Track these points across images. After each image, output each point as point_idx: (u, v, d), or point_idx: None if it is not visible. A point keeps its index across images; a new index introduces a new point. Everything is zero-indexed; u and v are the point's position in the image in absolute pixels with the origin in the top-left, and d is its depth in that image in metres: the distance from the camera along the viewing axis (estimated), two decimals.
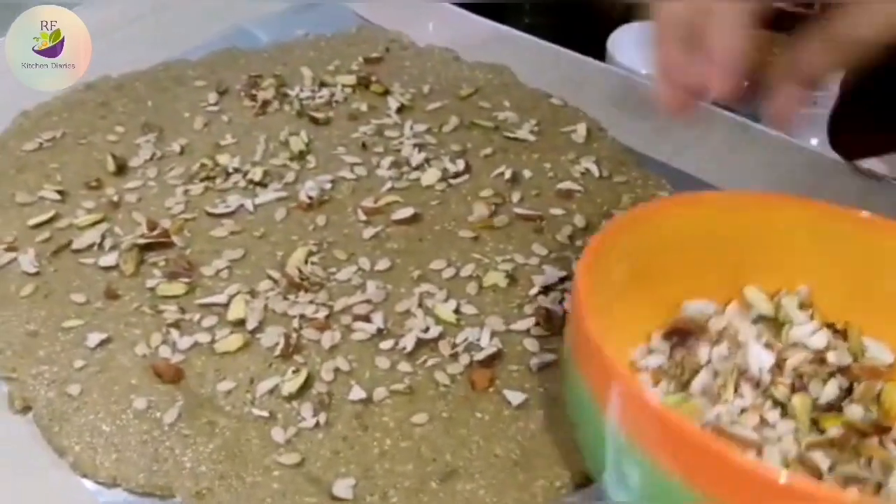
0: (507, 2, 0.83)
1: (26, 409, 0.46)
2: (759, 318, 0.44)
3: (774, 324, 0.44)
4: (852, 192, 0.59)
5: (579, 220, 0.56)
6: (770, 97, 0.43)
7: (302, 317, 0.50)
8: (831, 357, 0.42)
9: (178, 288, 0.51)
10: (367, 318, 0.50)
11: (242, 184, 0.59)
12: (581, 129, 0.64)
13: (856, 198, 0.56)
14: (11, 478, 0.43)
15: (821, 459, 0.37)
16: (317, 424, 0.44)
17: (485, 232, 0.56)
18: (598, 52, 1.05)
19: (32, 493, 0.43)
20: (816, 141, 0.66)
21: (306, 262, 0.53)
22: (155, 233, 0.55)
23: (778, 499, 0.28)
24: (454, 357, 0.48)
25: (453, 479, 0.42)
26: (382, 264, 0.53)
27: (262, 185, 0.59)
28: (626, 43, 1.09)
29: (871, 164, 0.63)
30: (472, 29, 0.79)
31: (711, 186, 0.60)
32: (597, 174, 0.60)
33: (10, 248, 0.55)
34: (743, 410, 0.40)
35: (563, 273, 0.52)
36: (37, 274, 0.53)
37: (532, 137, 0.64)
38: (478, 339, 0.49)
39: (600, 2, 1.22)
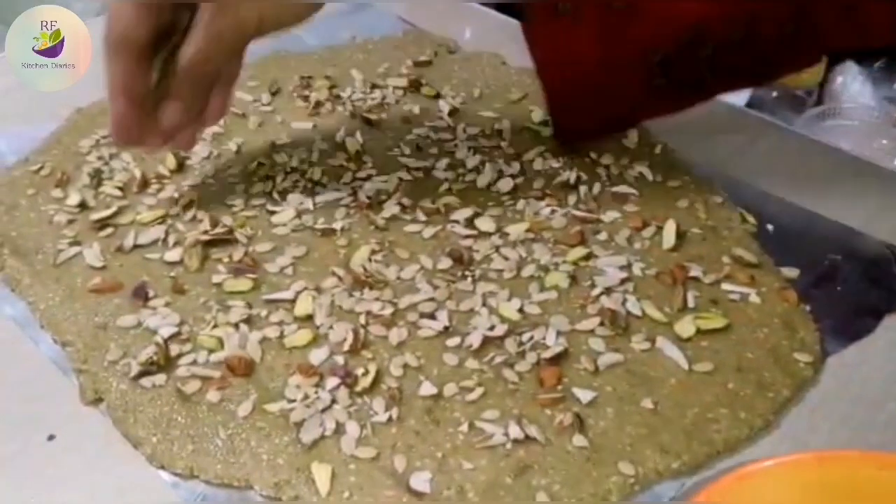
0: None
1: (98, 400, 0.47)
2: None
3: None
4: None
5: (637, 223, 0.57)
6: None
7: (368, 313, 0.50)
8: None
9: (244, 284, 0.52)
10: (432, 316, 0.50)
11: (301, 183, 0.60)
12: (632, 135, 0.65)
13: None
14: (86, 470, 0.44)
15: None
16: (389, 419, 0.45)
17: (543, 233, 0.56)
18: None
19: (108, 485, 0.43)
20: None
21: (370, 260, 0.54)
22: (218, 230, 0.55)
23: None
24: (521, 355, 0.48)
25: (527, 475, 0.43)
26: (444, 263, 0.54)
27: (321, 184, 0.60)
28: None
29: None
30: (511, 34, 0.79)
31: (762, 191, 0.61)
32: (650, 178, 0.61)
33: (74, 243, 0.55)
34: None
35: (625, 275, 0.53)
36: (103, 268, 0.53)
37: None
38: (543, 338, 0.49)
39: None
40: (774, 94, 1.10)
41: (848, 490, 0.38)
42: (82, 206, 0.58)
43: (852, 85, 1.11)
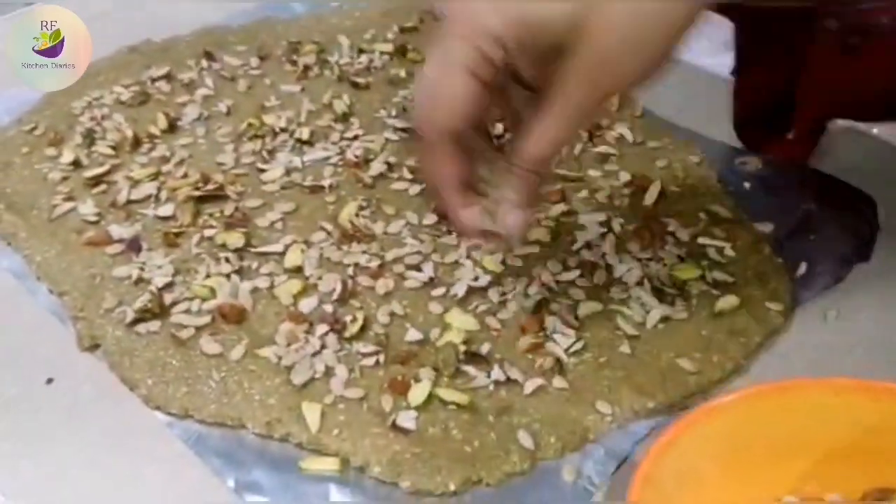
0: None
1: (94, 346, 0.48)
2: None
3: None
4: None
5: (616, 182, 0.59)
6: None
7: (356, 265, 0.52)
8: None
9: (235, 237, 0.53)
10: (418, 268, 0.52)
11: (290, 143, 0.61)
12: (613, 98, 0.66)
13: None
14: (84, 411, 0.45)
15: None
16: (376, 363, 0.47)
17: None
18: None
19: (106, 425, 0.45)
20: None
21: (357, 215, 0.55)
22: (209, 186, 0.57)
23: None
24: (503, 304, 0.50)
25: (509, 414, 0.44)
26: (429, 219, 0.55)
27: (309, 143, 0.61)
28: None
29: None
30: None
31: (739, 150, 0.62)
32: (631, 140, 0.63)
33: (68, 199, 0.56)
34: None
35: (604, 230, 0.55)
36: (97, 222, 0.55)
37: None
38: (525, 288, 0.51)
39: None
40: None
41: (807, 415, 0.40)
42: (76, 164, 0.59)
43: None
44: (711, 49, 0.85)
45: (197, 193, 0.56)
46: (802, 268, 0.53)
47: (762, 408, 0.39)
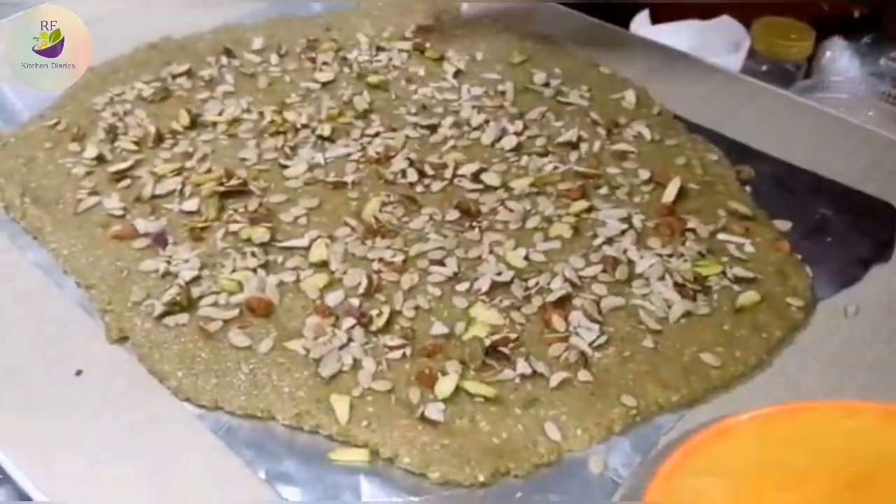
0: None
1: (123, 339, 0.49)
2: None
3: None
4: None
5: (636, 179, 0.59)
6: None
7: (381, 260, 0.52)
8: None
9: (260, 232, 0.54)
10: (441, 263, 0.52)
11: (312, 139, 0.62)
12: (630, 96, 0.67)
13: None
14: (114, 403, 0.46)
15: None
16: (403, 356, 0.47)
17: (546, 187, 0.58)
18: None
19: (136, 416, 0.45)
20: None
21: (381, 211, 0.56)
22: (233, 181, 0.57)
23: None
24: (527, 299, 0.50)
25: (535, 406, 0.45)
26: (452, 215, 0.56)
27: (330, 140, 0.62)
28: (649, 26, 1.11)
29: None
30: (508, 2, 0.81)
31: (757, 150, 0.63)
32: (648, 137, 0.63)
33: (93, 193, 0.57)
34: None
35: (625, 226, 0.55)
36: (122, 216, 0.55)
37: (584, 102, 0.67)
38: (549, 283, 0.51)
39: None
40: (764, 67, 1.12)
41: (817, 438, 0.41)
42: (99, 159, 0.60)
43: (840, 60, 1.13)
44: (726, 47, 0.86)
45: (221, 189, 0.56)
46: (821, 265, 0.53)
47: (772, 431, 0.40)
